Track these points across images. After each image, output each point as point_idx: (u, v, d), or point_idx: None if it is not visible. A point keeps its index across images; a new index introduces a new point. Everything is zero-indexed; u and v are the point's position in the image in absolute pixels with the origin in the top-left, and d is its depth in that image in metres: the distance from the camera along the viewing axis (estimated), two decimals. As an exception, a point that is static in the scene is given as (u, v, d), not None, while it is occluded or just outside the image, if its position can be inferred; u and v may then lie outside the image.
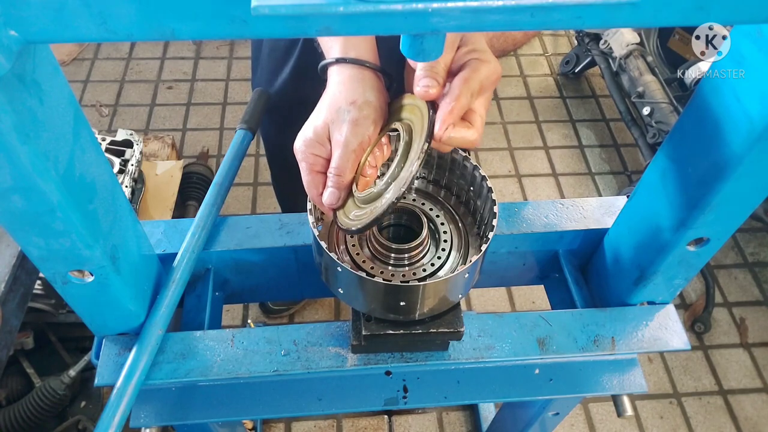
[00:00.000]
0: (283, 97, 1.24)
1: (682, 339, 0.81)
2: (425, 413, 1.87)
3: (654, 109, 2.20)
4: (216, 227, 0.88)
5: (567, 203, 0.92)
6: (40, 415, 1.50)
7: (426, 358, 0.79)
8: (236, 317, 2.06)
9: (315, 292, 1.00)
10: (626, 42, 2.39)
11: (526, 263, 0.97)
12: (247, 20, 0.39)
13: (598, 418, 1.89)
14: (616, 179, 2.50)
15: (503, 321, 0.81)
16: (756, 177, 0.60)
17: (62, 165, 0.52)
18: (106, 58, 2.83)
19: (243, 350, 0.77)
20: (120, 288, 0.68)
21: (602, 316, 0.82)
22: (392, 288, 0.67)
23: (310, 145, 0.72)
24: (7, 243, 1.03)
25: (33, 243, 0.58)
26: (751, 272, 2.23)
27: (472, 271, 0.70)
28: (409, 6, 0.36)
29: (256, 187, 2.41)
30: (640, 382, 0.87)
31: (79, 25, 0.39)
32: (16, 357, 1.59)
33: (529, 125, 2.67)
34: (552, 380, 0.87)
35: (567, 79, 2.86)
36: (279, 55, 1.22)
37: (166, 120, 2.61)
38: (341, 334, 0.79)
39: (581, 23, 0.40)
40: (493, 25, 0.39)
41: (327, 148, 0.72)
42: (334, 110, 0.72)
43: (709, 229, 0.69)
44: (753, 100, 0.54)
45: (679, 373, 1.99)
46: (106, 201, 0.62)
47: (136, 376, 0.72)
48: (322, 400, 0.86)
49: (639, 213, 0.78)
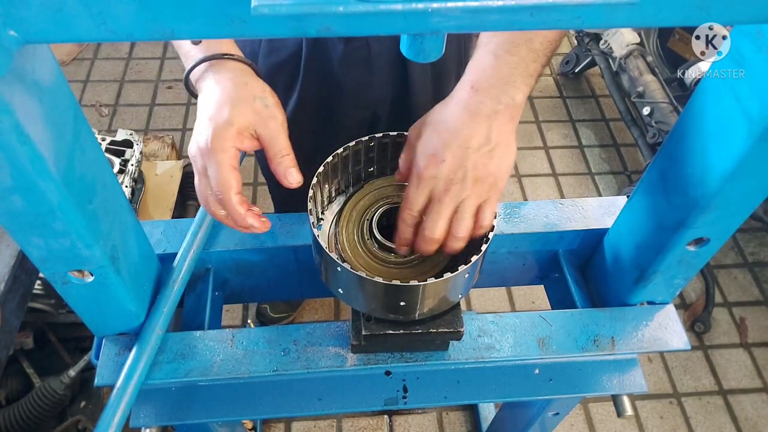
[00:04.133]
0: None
1: (682, 339, 0.81)
2: (425, 413, 1.87)
3: (654, 109, 2.20)
4: (216, 227, 0.88)
5: (567, 203, 0.92)
6: (39, 415, 1.50)
7: (426, 358, 0.79)
8: (236, 317, 2.06)
9: (315, 292, 1.00)
10: (626, 42, 2.39)
11: (526, 263, 0.97)
12: (247, 20, 0.39)
13: (598, 418, 1.89)
14: (616, 179, 2.50)
15: (503, 321, 0.81)
16: (756, 177, 0.60)
17: (62, 165, 0.52)
18: (106, 58, 2.83)
19: (243, 350, 0.77)
20: (120, 288, 0.68)
21: (602, 316, 0.82)
22: (392, 288, 0.67)
23: (234, 138, 0.70)
24: (7, 243, 1.03)
25: (33, 243, 0.58)
26: (751, 272, 2.23)
27: (472, 271, 0.70)
28: (409, 6, 0.36)
29: (256, 187, 2.41)
30: (640, 382, 0.87)
31: (79, 25, 0.38)
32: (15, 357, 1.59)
33: (529, 125, 2.67)
34: (552, 380, 0.87)
35: (567, 79, 2.86)
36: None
37: (166, 120, 2.61)
38: (341, 334, 0.79)
39: (581, 23, 0.40)
40: (493, 24, 0.39)
41: (251, 140, 0.73)
42: (249, 102, 0.71)
43: (709, 229, 0.69)
44: (753, 100, 0.54)
45: (679, 373, 1.99)
46: (106, 201, 0.62)
47: (136, 376, 0.72)
48: (322, 400, 0.86)
49: (639, 213, 0.78)
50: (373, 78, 1.12)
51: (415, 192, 0.68)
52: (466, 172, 0.66)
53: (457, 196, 0.67)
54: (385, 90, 1.16)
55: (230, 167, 0.70)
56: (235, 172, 0.70)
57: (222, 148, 0.69)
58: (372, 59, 1.09)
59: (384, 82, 1.14)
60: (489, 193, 0.69)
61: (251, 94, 0.73)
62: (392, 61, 1.10)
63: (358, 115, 1.19)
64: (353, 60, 1.09)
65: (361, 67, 1.10)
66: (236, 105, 0.71)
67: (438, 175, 0.67)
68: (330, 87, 1.13)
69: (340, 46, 1.07)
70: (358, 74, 1.11)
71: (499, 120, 0.68)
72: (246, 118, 0.71)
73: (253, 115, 0.72)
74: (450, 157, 0.67)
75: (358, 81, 1.12)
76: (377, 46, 1.08)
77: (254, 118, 0.72)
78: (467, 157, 0.66)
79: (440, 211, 0.67)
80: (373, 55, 1.08)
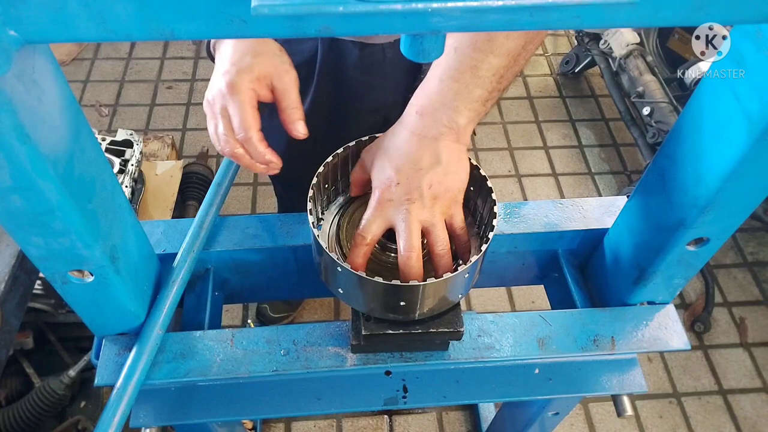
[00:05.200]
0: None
1: (682, 339, 0.81)
2: (425, 413, 1.87)
3: (654, 108, 2.20)
4: (216, 227, 0.88)
5: (567, 203, 0.92)
6: (39, 415, 1.50)
7: (426, 358, 0.79)
8: (236, 317, 2.06)
9: (314, 292, 1.00)
10: (626, 42, 2.39)
11: (525, 263, 0.97)
12: (247, 20, 0.39)
13: (597, 418, 1.89)
14: (615, 179, 2.50)
15: (503, 321, 0.81)
16: (756, 177, 0.60)
17: (62, 165, 0.52)
18: (106, 58, 2.83)
19: (243, 350, 0.77)
20: (120, 288, 0.68)
21: (602, 316, 0.82)
22: (392, 288, 0.67)
23: (255, 81, 0.76)
24: (7, 243, 1.03)
25: (33, 243, 0.58)
26: (750, 272, 2.23)
27: (472, 270, 0.70)
28: (409, 6, 0.36)
29: (256, 187, 2.41)
30: (640, 382, 0.87)
31: (79, 25, 0.38)
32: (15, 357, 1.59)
33: (529, 125, 2.67)
34: (552, 380, 0.87)
35: (567, 78, 2.86)
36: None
37: (166, 120, 2.61)
38: (341, 334, 0.79)
39: (580, 23, 0.40)
40: (493, 24, 0.39)
41: (266, 89, 0.78)
42: (269, 56, 0.78)
43: (709, 229, 0.69)
44: (753, 100, 0.54)
45: (679, 373, 1.99)
46: (105, 201, 0.62)
47: (136, 376, 0.72)
48: (322, 400, 0.86)
49: (639, 213, 0.78)
50: (386, 83, 1.13)
51: (371, 215, 0.71)
52: (422, 191, 0.69)
53: (419, 215, 0.69)
54: (398, 94, 1.16)
55: (252, 106, 0.76)
56: (256, 111, 0.76)
57: (245, 89, 0.75)
58: (386, 64, 1.09)
59: (397, 86, 1.14)
60: (450, 207, 0.72)
61: (271, 50, 0.79)
62: (406, 67, 1.11)
63: (370, 118, 1.20)
64: (368, 65, 1.09)
65: (376, 72, 1.11)
66: (257, 55, 0.77)
67: (393, 197, 0.70)
68: (344, 91, 1.14)
69: (356, 51, 1.07)
70: (372, 79, 1.12)
71: (444, 141, 0.71)
72: (266, 68, 0.77)
73: (272, 68, 0.78)
74: (404, 179, 0.70)
75: (372, 86, 1.13)
76: (392, 51, 1.08)
77: (273, 70, 0.78)
78: (420, 178, 0.69)
79: (406, 230, 0.69)
80: (387, 60, 1.09)
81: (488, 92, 0.72)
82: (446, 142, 0.71)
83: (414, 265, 0.69)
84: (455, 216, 0.73)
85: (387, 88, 1.14)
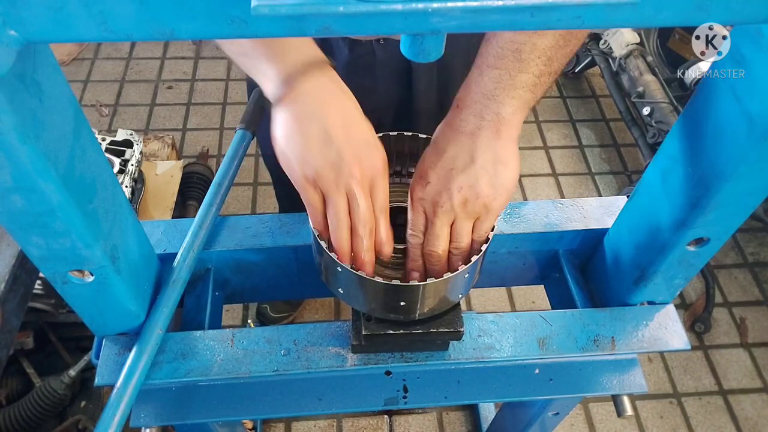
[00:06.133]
0: None
1: (682, 339, 0.81)
2: (425, 413, 1.87)
3: (654, 109, 2.20)
4: (216, 227, 0.88)
5: (567, 203, 0.92)
6: (40, 415, 1.50)
7: (426, 358, 0.79)
8: (236, 317, 2.06)
9: (315, 292, 1.00)
10: (626, 42, 2.39)
11: (526, 263, 0.97)
12: (247, 20, 0.39)
13: (598, 418, 1.89)
14: (616, 179, 2.50)
15: (503, 321, 0.81)
16: (756, 177, 0.60)
17: (62, 165, 0.52)
18: (106, 58, 2.83)
19: (243, 350, 0.77)
20: (120, 288, 0.68)
21: (602, 316, 0.82)
22: (392, 288, 0.67)
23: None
24: (7, 243, 1.03)
25: (33, 243, 0.58)
26: (751, 272, 2.23)
27: (472, 271, 0.70)
28: (409, 6, 0.36)
29: (256, 187, 2.41)
30: (640, 382, 0.87)
31: (79, 25, 0.38)
32: (16, 357, 1.59)
33: (529, 125, 2.67)
34: (552, 380, 0.87)
35: (567, 78, 2.86)
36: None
37: (166, 120, 2.61)
38: (341, 334, 0.79)
39: (581, 23, 0.40)
40: (494, 25, 0.39)
41: None
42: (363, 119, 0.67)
43: (709, 229, 0.69)
44: (753, 100, 0.54)
45: (679, 373, 1.99)
46: (106, 201, 0.62)
47: (136, 376, 0.72)
48: (322, 400, 0.86)
49: (639, 213, 0.78)
50: (377, 85, 1.12)
51: (411, 213, 0.70)
52: (452, 195, 0.66)
53: (447, 217, 0.67)
54: (390, 97, 1.15)
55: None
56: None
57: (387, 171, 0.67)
58: (377, 66, 1.09)
59: (388, 89, 1.14)
60: (481, 213, 0.67)
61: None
62: (397, 68, 1.10)
63: None
64: (358, 66, 1.09)
65: (366, 73, 1.10)
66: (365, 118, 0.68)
67: (425, 196, 0.68)
68: None
69: (346, 52, 1.07)
70: (362, 80, 1.11)
71: (483, 136, 0.66)
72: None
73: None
74: (434, 179, 0.67)
75: (363, 87, 1.12)
76: (382, 53, 1.07)
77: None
78: (452, 179, 0.65)
79: (433, 231, 0.68)
80: (378, 61, 1.08)
81: (536, 77, 0.66)
82: (485, 139, 0.65)
83: (433, 267, 0.69)
84: (482, 223, 0.68)
85: (378, 91, 1.13)
